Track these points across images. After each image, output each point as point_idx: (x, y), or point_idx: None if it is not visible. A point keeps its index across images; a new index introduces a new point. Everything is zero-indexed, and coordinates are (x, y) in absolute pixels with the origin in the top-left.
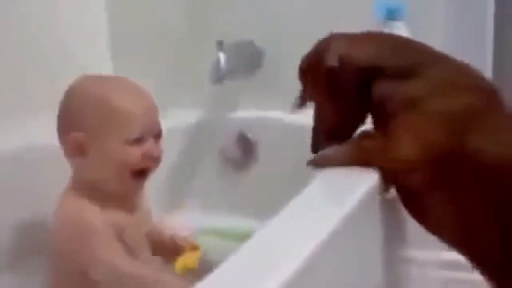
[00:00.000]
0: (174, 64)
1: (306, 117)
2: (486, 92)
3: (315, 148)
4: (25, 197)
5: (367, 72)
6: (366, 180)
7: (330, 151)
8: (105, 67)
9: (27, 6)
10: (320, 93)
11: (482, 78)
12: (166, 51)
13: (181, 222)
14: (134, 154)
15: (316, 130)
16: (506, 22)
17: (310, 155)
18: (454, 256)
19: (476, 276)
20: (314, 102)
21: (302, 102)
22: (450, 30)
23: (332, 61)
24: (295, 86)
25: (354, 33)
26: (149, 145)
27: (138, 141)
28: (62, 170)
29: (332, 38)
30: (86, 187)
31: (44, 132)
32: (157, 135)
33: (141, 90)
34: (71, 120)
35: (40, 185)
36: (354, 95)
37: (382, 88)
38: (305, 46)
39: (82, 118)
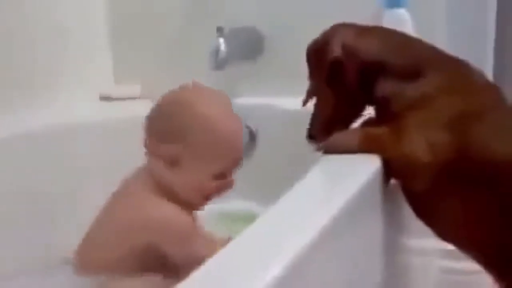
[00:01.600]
0: (174, 50)
1: (307, 104)
2: (489, 91)
3: (311, 134)
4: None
5: (370, 66)
6: (368, 167)
7: (339, 137)
8: (104, 54)
9: None
10: (321, 80)
11: (484, 77)
12: (165, 37)
13: None
14: (213, 186)
15: (314, 117)
16: (508, 10)
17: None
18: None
19: (475, 266)
20: (316, 91)
21: (310, 94)
22: (452, 18)
23: (335, 50)
24: (296, 73)
25: (362, 24)
26: (230, 180)
27: (224, 175)
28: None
29: (339, 28)
30: (165, 192)
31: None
32: None
33: (234, 113)
34: (176, 129)
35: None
36: (355, 86)
37: (387, 87)
38: (306, 33)
39: (186, 133)
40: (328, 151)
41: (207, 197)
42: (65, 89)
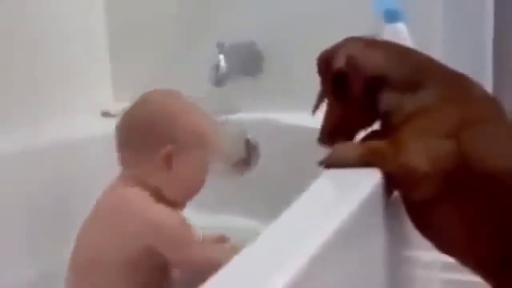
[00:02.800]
0: (173, 66)
1: (307, 119)
2: (488, 103)
3: (320, 140)
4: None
5: (375, 79)
6: (369, 180)
7: (339, 151)
8: (103, 69)
9: None
10: (327, 91)
11: (483, 90)
12: (166, 53)
13: None
14: (205, 178)
15: (322, 124)
16: (506, 21)
17: (311, 156)
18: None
19: (476, 278)
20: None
21: (319, 102)
22: (449, 31)
23: (339, 62)
24: (296, 88)
25: (371, 38)
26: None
27: (208, 165)
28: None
29: (348, 40)
30: (151, 190)
31: None
32: None
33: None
34: (165, 132)
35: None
36: (358, 98)
37: (389, 100)
38: (306, 48)
39: (176, 131)
40: (329, 165)
41: (193, 194)
42: (66, 106)
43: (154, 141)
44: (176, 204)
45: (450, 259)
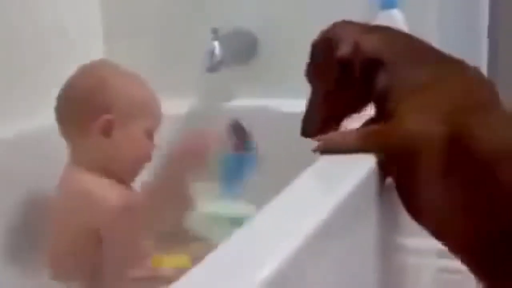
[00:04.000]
0: (168, 52)
1: (302, 106)
2: (483, 85)
3: (306, 132)
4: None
5: (373, 61)
6: (361, 168)
7: (336, 137)
8: (97, 52)
9: None
10: (329, 79)
11: (479, 72)
12: (160, 39)
13: None
14: (150, 147)
15: (309, 114)
16: (500, 8)
17: (305, 143)
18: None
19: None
20: (314, 88)
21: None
22: (444, 17)
23: (346, 49)
24: (291, 74)
25: (363, 23)
26: (156, 141)
27: (151, 133)
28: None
29: (345, 25)
30: (96, 165)
31: None
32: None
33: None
34: (101, 102)
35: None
36: (358, 83)
37: (387, 81)
38: (300, 35)
39: (112, 101)
40: (326, 151)
41: (139, 165)
42: None
43: (90, 112)
44: (125, 176)
45: (442, 246)
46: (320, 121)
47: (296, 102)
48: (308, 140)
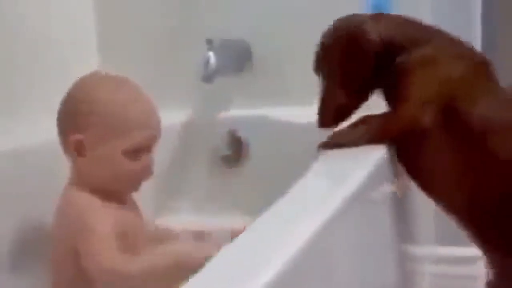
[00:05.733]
0: (163, 62)
1: (297, 115)
2: (479, 61)
3: (323, 123)
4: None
5: (388, 47)
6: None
7: (340, 134)
8: (92, 67)
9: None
10: (360, 72)
11: (474, 50)
12: (155, 50)
13: (173, 222)
14: (134, 165)
15: (323, 106)
16: (493, 15)
17: (301, 152)
18: (452, 251)
19: (473, 271)
20: (329, 78)
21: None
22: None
23: (375, 40)
24: (286, 84)
25: (368, 14)
26: (147, 159)
27: (136, 152)
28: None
29: (357, 18)
30: (86, 183)
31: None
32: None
33: (143, 95)
34: (73, 122)
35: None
36: (372, 72)
37: (402, 59)
38: (294, 43)
39: (88, 120)
40: (334, 146)
41: (127, 180)
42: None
43: (67, 128)
44: (116, 194)
45: (441, 252)
46: (334, 110)
47: (291, 111)
48: (303, 148)
